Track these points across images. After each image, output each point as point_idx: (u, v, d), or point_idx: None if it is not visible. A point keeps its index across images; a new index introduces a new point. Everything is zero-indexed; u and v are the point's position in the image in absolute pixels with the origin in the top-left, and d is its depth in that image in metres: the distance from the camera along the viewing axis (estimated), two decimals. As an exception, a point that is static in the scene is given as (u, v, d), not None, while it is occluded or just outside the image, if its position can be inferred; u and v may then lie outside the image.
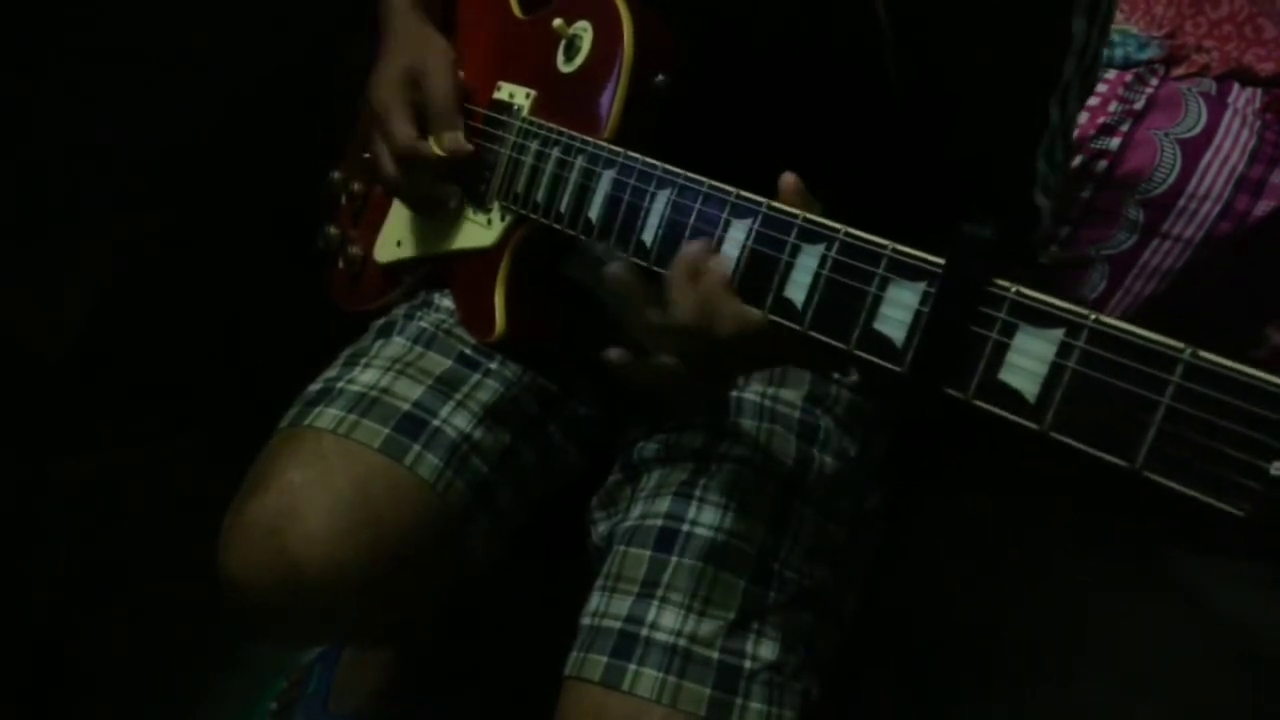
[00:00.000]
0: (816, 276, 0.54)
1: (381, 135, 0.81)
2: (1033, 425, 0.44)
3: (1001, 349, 0.45)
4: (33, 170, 1.16)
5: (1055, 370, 0.43)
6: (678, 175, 0.62)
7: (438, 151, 0.78)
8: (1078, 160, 1.30)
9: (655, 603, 0.71)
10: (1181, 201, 1.27)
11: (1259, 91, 1.38)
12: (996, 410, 0.45)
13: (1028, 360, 0.44)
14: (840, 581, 0.77)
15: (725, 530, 0.73)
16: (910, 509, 0.95)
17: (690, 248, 0.59)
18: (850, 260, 0.52)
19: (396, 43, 0.84)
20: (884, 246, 0.51)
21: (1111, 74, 1.34)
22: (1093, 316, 0.42)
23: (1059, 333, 0.43)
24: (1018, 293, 0.45)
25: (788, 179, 0.57)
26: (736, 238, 0.58)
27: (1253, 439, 0.37)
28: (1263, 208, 1.26)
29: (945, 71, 0.69)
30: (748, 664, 0.69)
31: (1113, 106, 1.31)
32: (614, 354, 0.63)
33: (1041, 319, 0.44)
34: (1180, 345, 0.40)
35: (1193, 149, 1.28)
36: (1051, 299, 0.44)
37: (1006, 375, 0.45)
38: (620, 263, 0.62)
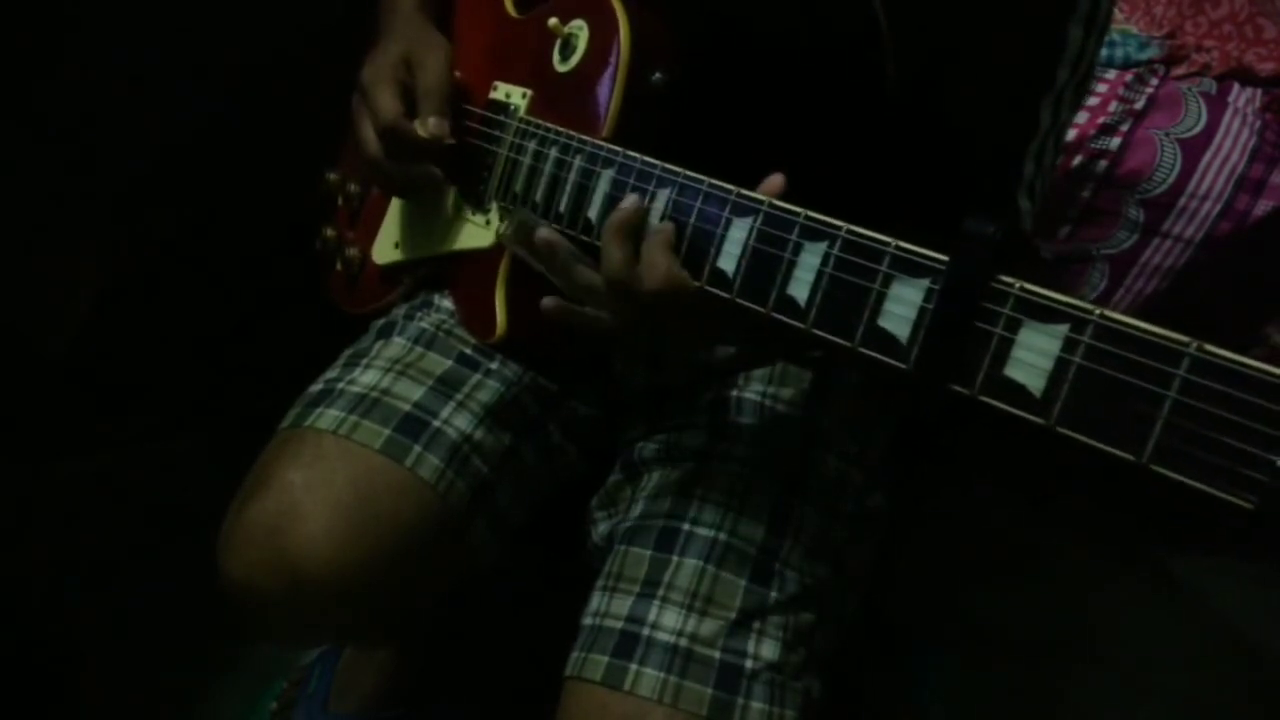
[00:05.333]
0: (819, 274, 0.54)
1: (366, 112, 0.80)
2: (1039, 420, 0.44)
3: (1006, 344, 0.45)
4: (33, 169, 1.16)
5: (1061, 365, 0.43)
6: (678, 174, 0.62)
7: (420, 133, 0.78)
8: (1078, 160, 1.30)
9: (656, 602, 0.71)
10: (1182, 201, 1.28)
11: (1259, 91, 1.38)
12: (1002, 406, 0.45)
13: (1033, 355, 0.44)
14: (841, 581, 0.77)
15: (726, 530, 0.73)
16: (911, 509, 0.96)
17: (626, 203, 0.62)
18: (853, 257, 0.52)
19: (395, 34, 0.84)
20: (887, 244, 0.51)
21: (1111, 74, 1.35)
22: (1098, 311, 0.42)
23: (1064, 328, 0.43)
24: (1022, 288, 0.45)
25: (775, 180, 0.58)
26: (738, 236, 0.58)
27: (1260, 432, 0.37)
28: (1263, 207, 1.27)
29: (941, 70, 0.69)
30: (749, 664, 0.69)
31: (1113, 106, 1.31)
32: (548, 302, 0.67)
33: (1046, 314, 0.44)
34: (1186, 339, 0.39)
35: (1193, 149, 1.28)
36: (1056, 294, 0.44)
37: (1012, 371, 0.45)
38: (547, 227, 0.67)
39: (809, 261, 0.54)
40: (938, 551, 1.27)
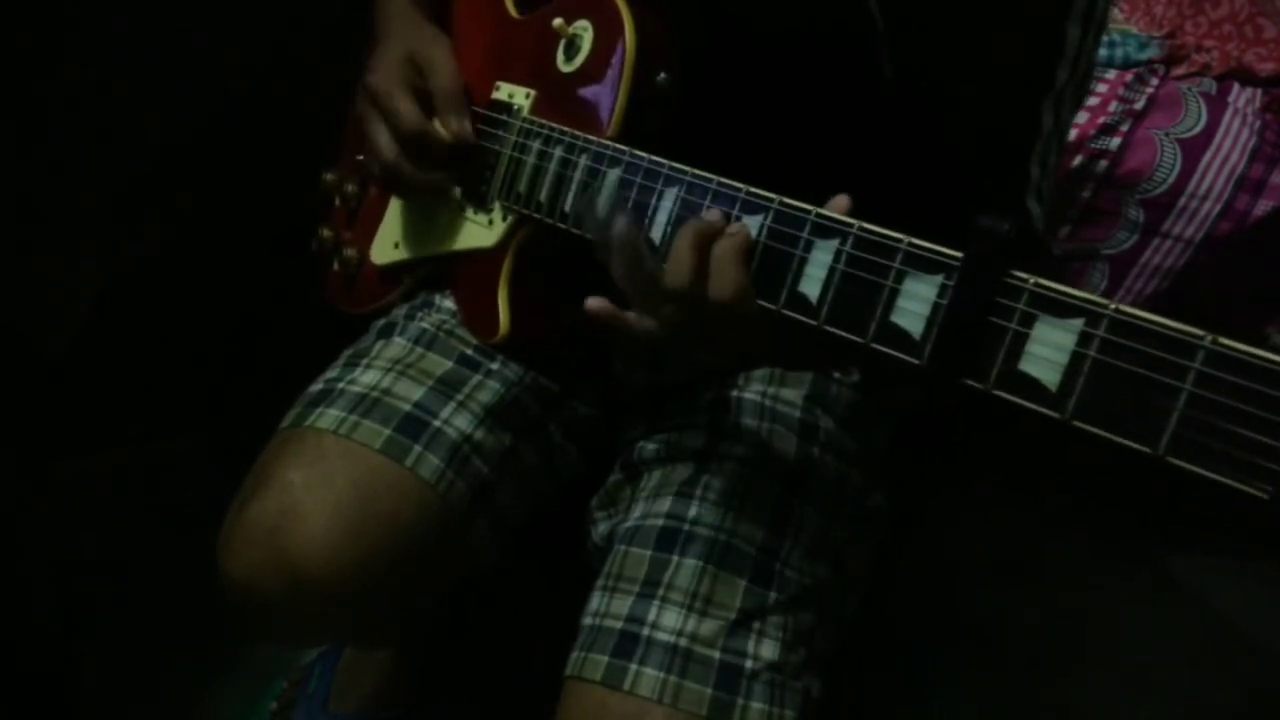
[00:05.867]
0: (831, 271, 0.54)
1: (384, 117, 0.79)
2: (1055, 414, 0.44)
3: (1021, 339, 0.45)
4: (33, 170, 1.16)
5: (1076, 359, 0.44)
6: (685, 172, 0.62)
7: (444, 136, 0.77)
8: (1078, 160, 1.30)
9: (656, 602, 0.71)
10: (1182, 201, 1.28)
11: (1259, 91, 1.38)
12: (1018, 400, 0.45)
13: (1048, 350, 0.45)
14: (841, 581, 0.77)
15: (726, 530, 0.73)
16: (911, 509, 0.96)
17: (708, 215, 0.58)
18: (865, 254, 0.52)
19: (394, 33, 0.83)
20: (899, 240, 0.51)
21: (1111, 74, 1.35)
22: (1112, 306, 0.43)
23: (1079, 322, 0.44)
24: (1036, 284, 0.45)
25: (840, 200, 0.56)
26: None
27: (1275, 422, 0.38)
28: (1263, 207, 1.27)
29: (938, 71, 0.69)
30: (749, 664, 0.69)
31: (1113, 106, 1.31)
32: (594, 303, 0.61)
33: (1061, 309, 0.44)
34: (1200, 332, 0.40)
35: (1193, 149, 1.28)
36: (1070, 289, 0.45)
37: (1027, 365, 0.45)
38: (629, 217, 0.60)
39: (821, 259, 0.54)
40: (938, 551, 1.27)
